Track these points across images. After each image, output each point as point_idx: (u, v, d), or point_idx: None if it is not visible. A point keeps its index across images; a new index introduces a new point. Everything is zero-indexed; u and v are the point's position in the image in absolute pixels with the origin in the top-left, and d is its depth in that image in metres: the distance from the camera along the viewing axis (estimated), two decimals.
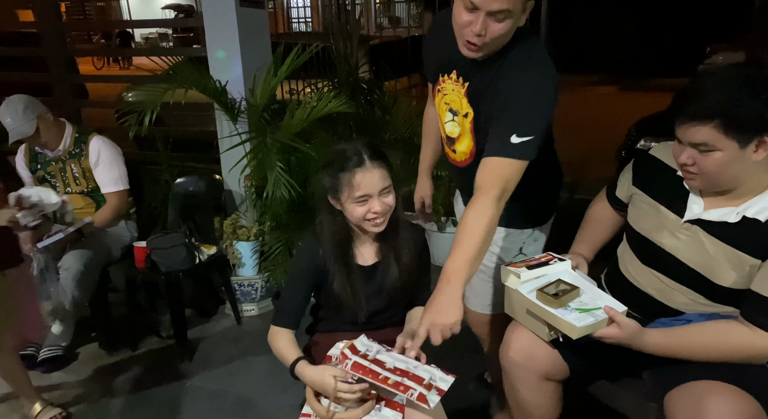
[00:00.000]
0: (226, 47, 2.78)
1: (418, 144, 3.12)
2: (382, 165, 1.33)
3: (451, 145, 1.55)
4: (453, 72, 1.45)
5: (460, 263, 1.20)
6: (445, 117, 1.53)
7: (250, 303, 2.80)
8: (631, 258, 1.42)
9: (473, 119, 1.43)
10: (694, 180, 1.22)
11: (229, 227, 2.71)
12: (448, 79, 1.47)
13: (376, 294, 1.44)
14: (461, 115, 1.46)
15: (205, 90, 2.66)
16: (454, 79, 1.45)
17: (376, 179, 1.31)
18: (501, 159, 1.27)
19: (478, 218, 1.22)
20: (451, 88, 1.47)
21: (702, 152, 1.15)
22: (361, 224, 1.37)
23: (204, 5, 2.78)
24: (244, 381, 2.29)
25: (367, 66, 4.12)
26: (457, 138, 1.51)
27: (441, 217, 3.25)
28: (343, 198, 1.33)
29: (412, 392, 1.15)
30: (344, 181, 1.31)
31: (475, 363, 2.10)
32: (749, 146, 1.12)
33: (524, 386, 1.41)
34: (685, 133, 1.16)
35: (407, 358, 1.26)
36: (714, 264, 1.24)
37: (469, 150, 1.50)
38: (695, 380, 1.18)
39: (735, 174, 1.17)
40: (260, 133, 2.60)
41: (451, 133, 1.52)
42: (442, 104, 1.53)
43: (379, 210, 1.32)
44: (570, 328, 1.19)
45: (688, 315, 1.30)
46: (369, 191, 1.31)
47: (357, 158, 1.31)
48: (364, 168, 1.30)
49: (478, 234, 1.21)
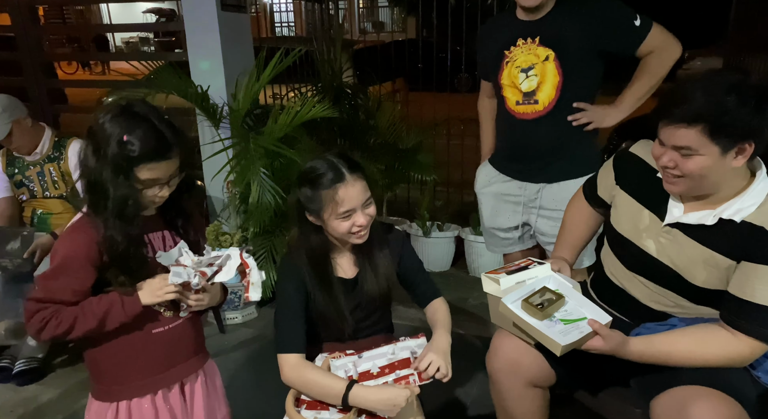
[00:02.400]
0: (208, 51, 2.75)
1: (402, 148, 3.15)
2: (361, 176, 1.30)
3: (530, 99, 1.83)
4: (518, 40, 1.81)
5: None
6: (518, 80, 1.83)
7: (233, 311, 2.76)
8: (614, 262, 1.42)
9: (556, 57, 1.77)
10: (675, 184, 1.22)
11: (212, 234, 2.67)
12: (514, 48, 1.83)
13: (359, 306, 1.42)
14: (540, 62, 1.78)
15: (186, 95, 2.63)
16: (521, 43, 1.81)
17: (358, 192, 1.28)
18: (649, 36, 1.73)
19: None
20: (520, 51, 1.82)
21: (684, 156, 1.16)
22: (345, 238, 1.35)
23: (185, 10, 2.75)
24: (226, 390, 2.24)
25: (351, 70, 4.12)
26: (538, 87, 1.81)
27: (426, 222, 3.25)
28: (326, 215, 1.29)
29: (413, 380, 1.25)
30: (326, 198, 1.27)
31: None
32: (730, 153, 1.13)
33: (511, 393, 1.40)
34: (670, 135, 1.16)
35: (380, 350, 1.29)
36: (691, 266, 1.24)
37: (555, 86, 1.79)
38: (680, 385, 1.18)
39: (715, 179, 1.18)
40: (243, 139, 2.57)
41: (529, 87, 1.81)
42: (513, 70, 1.83)
43: (363, 223, 1.30)
44: (554, 346, 1.18)
45: (672, 319, 1.31)
46: (353, 205, 1.28)
47: (335, 173, 1.27)
48: (345, 183, 1.26)
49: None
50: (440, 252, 3.29)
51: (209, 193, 2.93)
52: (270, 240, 2.64)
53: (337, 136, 3.10)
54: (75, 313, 1.16)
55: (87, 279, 1.17)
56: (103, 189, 1.14)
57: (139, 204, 1.18)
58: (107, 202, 1.14)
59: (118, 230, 1.15)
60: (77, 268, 1.16)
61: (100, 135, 1.14)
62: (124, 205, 1.15)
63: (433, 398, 1.87)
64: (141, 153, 1.13)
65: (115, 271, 1.19)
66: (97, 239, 1.15)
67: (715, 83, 1.12)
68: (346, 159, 1.31)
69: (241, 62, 2.82)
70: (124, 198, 1.14)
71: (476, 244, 3.12)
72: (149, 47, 17.01)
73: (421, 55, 3.65)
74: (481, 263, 3.12)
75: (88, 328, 1.17)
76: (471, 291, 2.96)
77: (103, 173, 1.13)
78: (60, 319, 1.15)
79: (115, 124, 1.14)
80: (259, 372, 2.38)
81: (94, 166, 1.15)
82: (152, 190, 1.19)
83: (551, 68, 1.78)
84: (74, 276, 1.16)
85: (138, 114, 1.17)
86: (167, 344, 1.29)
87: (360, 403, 1.22)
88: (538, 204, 1.96)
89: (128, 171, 1.14)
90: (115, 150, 1.12)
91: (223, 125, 2.70)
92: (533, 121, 1.86)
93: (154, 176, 1.17)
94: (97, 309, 1.17)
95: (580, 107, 1.84)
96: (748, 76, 1.12)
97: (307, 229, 1.36)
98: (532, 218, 2.00)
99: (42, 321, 1.14)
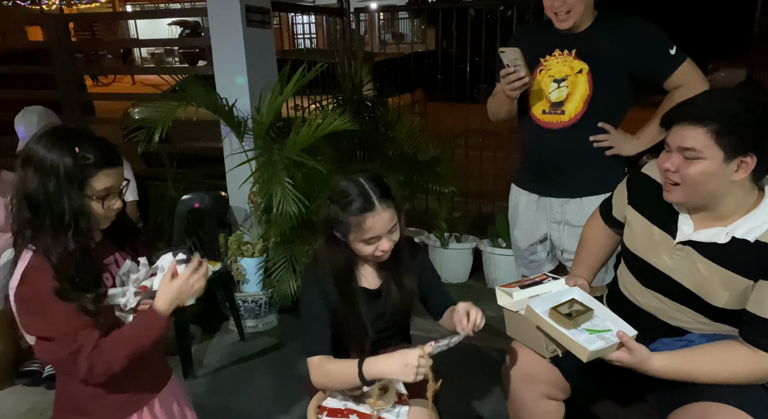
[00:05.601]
0: (233, 66, 2.83)
1: (421, 160, 3.17)
2: (390, 204, 1.32)
3: (557, 109, 1.86)
4: (555, 50, 1.85)
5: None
6: (549, 88, 1.86)
7: (253, 320, 2.81)
8: (630, 278, 1.43)
9: (589, 70, 1.80)
10: (673, 192, 1.24)
11: (234, 243, 2.73)
12: (550, 57, 1.87)
13: (381, 317, 1.45)
14: (573, 74, 1.82)
15: (214, 108, 2.70)
16: (557, 54, 1.85)
17: (386, 221, 1.31)
18: (681, 67, 1.76)
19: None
20: (556, 61, 1.86)
21: (687, 159, 1.18)
22: (367, 258, 1.39)
23: (212, 26, 2.83)
24: (246, 398, 2.29)
25: (371, 83, 4.17)
26: (566, 97, 1.83)
27: (444, 233, 3.26)
28: (351, 237, 1.33)
29: (429, 344, 1.22)
30: (353, 223, 1.30)
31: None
32: (732, 163, 1.15)
33: (527, 405, 1.41)
34: (676, 135, 1.19)
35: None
36: (707, 285, 1.25)
37: (583, 99, 1.82)
38: (697, 401, 1.18)
39: (713, 189, 1.19)
40: (267, 151, 2.63)
41: (558, 98, 1.85)
42: (546, 78, 1.86)
43: (387, 248, 1.34)
44: (581, 351, 1.19)
45: (690, 335, 1.31)
46: (378, 233, 1.31)
47: (365, 201, 1.29)
48: (374, 212, 1.29)
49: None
50: (458, 263, 3.30)
51: (232, 203, 3.00)
52: (290, 250, 2.69)
53: (357, 148, 3.14)
54: (110, 342, 1.15)
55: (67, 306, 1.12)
56: (54, 205, 1.11)
57: (93, 216, 1.17)
58: (60, 218, 1.11)
59: (72, 244, 1.12)
60: (54, 302, 1.11)
61: (43, 158, 1.11)
62: (80, 215, 1.13)
63: (450, 409, 1.88)
64: (96, 160, 1.13)
65: (78, 296, 1.13)
66: (51, 273, 1.11)
67: (724, 93, 1.20)
68: (379, 183, 1.33)
69: (264, 76, 2.90)
70: (80, 208, 1.12)
71: (494, 256, 3.13)
72: (174, 58, 17.43)
73: (441, 66, 3.68)
74: (500, 275, 3.12)
75: (131, 351, 1.15)
76: (489, 303, 2.92)
77: (51, 189, 1.11)
78: (101, 354, 1.13)
79: (56, 144, 1.12)
80: (279, 379, 2.41)
81: (37, 187, 1.11)
82: (107, 202, 1.17)
83: (583, 81, 1.81)
84: (57, 307, 1.11)
85: (72, 131, 1.18)
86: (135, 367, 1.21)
87: (375, 373, 1.25)
88: (561, 218, 1.96)
89: (83, 181, 1.13)
90: (69, 163, 1.11)
91: (246, 136, 2.77)
92: (557, 131, 1.87)
93: (109, 183, 1.16)
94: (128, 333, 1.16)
95: (605, 128, 1.85)
96: (757, 91, 1.16)
97: (333, 243, 1.39)
98: (554, 234, 2.00)
99: (88, 363, 1.11)
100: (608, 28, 1.81)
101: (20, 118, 2.39)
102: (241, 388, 2.36)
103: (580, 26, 1.82)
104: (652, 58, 1.78)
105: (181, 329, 2.49)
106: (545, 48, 1.87)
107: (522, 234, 2.09)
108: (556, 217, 1.97)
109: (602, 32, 1.80)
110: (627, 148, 1.88)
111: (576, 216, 1.92)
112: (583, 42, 1.81)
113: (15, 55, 4.62)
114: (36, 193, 1.12)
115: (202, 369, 2.50)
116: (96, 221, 1.18)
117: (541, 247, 2.08)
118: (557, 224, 1.98)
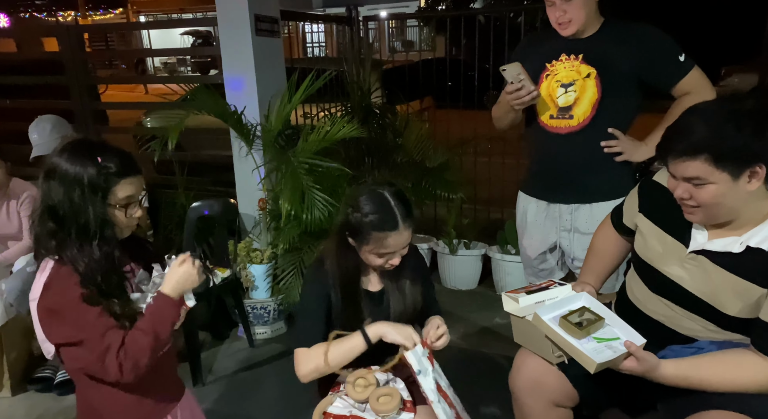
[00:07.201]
0: (242, 74, 2.86)
1: (429, 167, 3.18)
2: (411, 224, 1.36)
3: (565, 114, 1.84)
4: (561, 55, 1.84)
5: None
6: (556, 93, 1.85)
7: (263, 326, 2.82)
8: (640, 285, 1.42)
9: (597, 74, 1.79)
10: (694, 214, 1.23)
11: (243, 250, 2.75)
12: (557, 62, 1.85)
13: (383, 320, 1.45)
14: (581, 78, 1.81)
15: (223, 116, 2.73)
16: (564, 58, 1.84)
17: (404, 240, 1.35)
18: (690, 74, 1.76)
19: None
20: (563, 66, 1.84)
21: (696, 186, 1.17)
22: (375, 267, 1.42)
23: (221, 35, 2.87)
24: (255, 404, 2.30)
25: (380, 90, 4.19)
26: (575, 102, 1.82)
27: (453, 240, 3.26)
28: (366, 248, 1.36)
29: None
30: (374, 238, 1.33)
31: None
32: (742, 177, 1.13)
33: (533, 412, 1.40)
34: (676, 168, 1.18)
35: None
36: (720, 294, 1.23)
37: (592, 103, 1.81)
38: (707, 410, 1.16)
39: (732, 205, 1.18)
40: (276, 158, 2.65)
41: (566, 102, 1.84)
42: (553, 84, 1.85)
43: (396, 263, 1.38)
44: (589, 363, 1.18)
45: (699, 342, 1.29)
46: (395, 250, 1.35)
47: (391, 220, 1.32)
48: (397, 231, 1.32)
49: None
50: (467, 270, 3.29)
51: (241, 211, 3.02)
52: (299, 257, 2.70)
53: (365, 154, 3.15)
54: (132, 335, 1.15)
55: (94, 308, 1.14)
56: (80, 214, 1.14)
57: (117, 225, 1.20)
58: (86, 227, 1.13)
59: (97, 252, 1.14)
60: (81, 307, 1.12)
61: (67, 169, 1.15)
62: (105, 224, 1.15)
63: None
64: (118, 169, 1.17)
65: (107, 304, 1.15)
66: (76, 281, 1.13)
67: (712, 113, 1.15)
68: (403, 201, 1.36)
69: (273, 84, 2.92)
70: (104, 216, 1.15)
71: (503, 263, 3.11)
72: (186, 67, 17.66)
73: (449, 74, 3.69)
74: (509, 282, 3.10)
75: (158, 338, 1.16)
76: (498, 310, 2.91)
77: (76, 199, 1.13)
78: (127, 350, 1.13)
79: (78, 156, 1.16)
80: (288, 386, 2.41)
81: (62, 198, 1.14)
82: (129, 210, 1.21)
83: (591, 85, 1.81)
84: (84, 312, 1.12)
85: (92, 142, 1.22)
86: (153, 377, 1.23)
87: (378, 332, 1.33)
88: (571, 226, 1.95)
89: (106, 191, 1.16)
90: (93, 173, 1.14)
91: (255, 145, 2.79)
92: (565, 136, 1.86)
93: (131, 192, 1.20)
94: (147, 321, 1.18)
95: (615, 134, 1.84)
96: (743, 101, 1.13)
97: (345, 247, 1.41)
98: (564, 242, 1.99)
99: (117, 361, 1.12)
100: (616, 33, 1.81)
101: (34, 126, 2.44)
102: (250, 395, 2.36)
103: (585, 32, 1.82)
104: (660, 65, 1.78)
105: (191, 335, 2.51)
106: (552, 53, 1.87)
107: (531, 244, 2.08)
108: (566, 225, 1.96)
109: (610, 37, 1.81)
110: (637, 154, 1.87)
111: (586, 223, 1.90)
112: (590, 47, 1.81)
113: (31, 66, 4.72)
114: (61, 204, 1.15)
115: (211, 376, 2.50)
116: (119, 230, 1.22)
117: (550, 256, 2.07)
118: (567, 232, 1.96)
